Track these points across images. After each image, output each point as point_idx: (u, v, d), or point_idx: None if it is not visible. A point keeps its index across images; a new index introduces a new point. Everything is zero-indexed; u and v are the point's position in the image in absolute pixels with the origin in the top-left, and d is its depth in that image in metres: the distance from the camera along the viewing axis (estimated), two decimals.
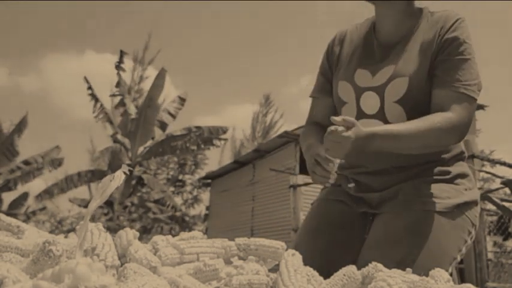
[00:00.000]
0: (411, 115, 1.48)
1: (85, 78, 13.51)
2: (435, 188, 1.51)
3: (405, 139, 1.41)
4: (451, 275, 1.45)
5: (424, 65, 1.48)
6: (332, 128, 1.33)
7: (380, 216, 1.54)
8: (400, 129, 1.41)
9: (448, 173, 1.54)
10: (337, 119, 1.34)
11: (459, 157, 1.59)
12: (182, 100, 14.26)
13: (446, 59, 1.47)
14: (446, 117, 1.42)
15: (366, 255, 1.43)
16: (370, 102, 1.53)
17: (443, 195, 1.50)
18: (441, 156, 1.55)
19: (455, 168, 1.56)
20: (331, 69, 1.68)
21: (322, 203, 1.70)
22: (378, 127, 1.42)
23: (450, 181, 1.54)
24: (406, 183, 1.52)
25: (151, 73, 16.10)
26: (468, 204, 1.52)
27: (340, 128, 1.32)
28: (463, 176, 1.56)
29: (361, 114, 1.55)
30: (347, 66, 1.61)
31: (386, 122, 1.51)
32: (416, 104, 1.48)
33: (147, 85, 15.74)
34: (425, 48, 1.49)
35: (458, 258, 1.51)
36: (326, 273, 0.97)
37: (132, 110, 13.25)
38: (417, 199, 1.49)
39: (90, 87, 13.47)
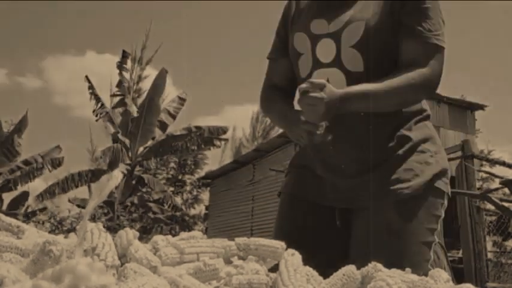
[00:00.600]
0: (368, 60, 1.46)
1: (86, 77, 13.50)
2: (402, 170, 1.47)
3: (382, 98, 1.40)
4: (439, 260, 1.46)
5: (383, 9, 1.46)
6: (303, 86, 1.33)
7: (356, 215, 1.51)
8: (376, 88, 1.39)
9: (410, 140, 1.49)
10: (304, 85, 1.33)
11: (420, 118, 1.55)
12: (182, 100, 14.25)
13: (413, 8, 1.45)
14: (421, 72, 1.42)
15: (354, 257, 1.43)
16: (326, 49, 1.50)
17: (410, 175, 1.47)
18: (401, 122, 1.51)
19: (417, 133, 1.52)
20: (286, 26, 1.65)
21: (287, 200, 1.65)
22: (353, 87, 1.40)
23: (414, 149, 1.49)
24: (374, 171, 1.48)
25: (151, 73, 16.09)
26: (437, 176, 1.50)
27: (311, 88, 1.32)
28: (425, 140, 1.53)
29: (317, 64, 1.52)
30: (304, 17, 1.59)
31: (343, 69, 1.48)
32: (374, 49, 1.46)
33: (145, 85, 15.73)
34: None
35: (437, 239, 1.51)
36: None
37: (133, 109, 13.24)
38: (386, 189, 1.46)
39: (91, 87, 13.45)
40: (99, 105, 13.54)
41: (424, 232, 1.47)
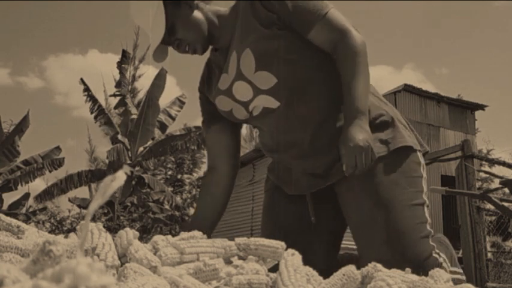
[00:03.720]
0: (277, 72, 1.51)
1: (81, 80, 13.48)
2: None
3: (360, 90, 1.47)
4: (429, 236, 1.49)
5: (256, 28, 1.51)
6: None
7: (338, 192, 1.58)
8: (351, 91, 1.46)
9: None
10: None
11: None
12: (182, 103, 14.27)
13: (289, 14, 1.50)
14: (344, 49, 1.49)
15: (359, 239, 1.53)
16: (241, 90, 1.58)
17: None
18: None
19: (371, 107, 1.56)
20: (207, 104, 1.74)
21: (271, 199, 1.77)
22: (348, 114, 1.46)
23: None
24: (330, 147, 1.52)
25: (149, 72, 16.05)
26: (396, 139, 1.53)
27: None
28: (377, 109, 1.57)
29: (244, 105, 1.60)
30: (213, 88, 1.67)
31: (266, 92, 1.54)
32: (273, 59, 1.51)
33: (140, 84, 15.72)
34: (250, 18, 1.53)
35: (427, 201, 1.55)
36: None
37: (133, 110, 13.22)
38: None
39: (87, 89, 13.43)
40: (97, 106, 13.52)
41: (409, 195, 1.51)
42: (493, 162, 5.50)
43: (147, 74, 14.80)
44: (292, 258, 0.91)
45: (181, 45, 1.58)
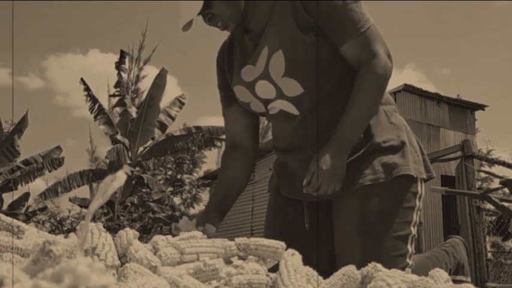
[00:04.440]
0: (305, 82, 1.49)
1: (82, 79, 13.47)
2: (362, 166, 1.51)
3: (358, 118, 1.46)
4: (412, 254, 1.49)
5: (293, 31, 1.46)
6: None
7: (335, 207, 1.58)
8: (349, 116, 1.45)
9: (371, 133, 1.53)
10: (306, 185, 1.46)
11: (382, 112, 1.57)
12: (182, 103, 14.26)
13: (327, 16, 1.45)
14: (366, 71, 1.45)
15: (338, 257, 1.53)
16: (264, 89, 1.55)
17: (370, 169, 1.50)
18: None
19: (379, 127, 1.54)
20: (226, 80, 1.69)
21: (273, 199, 1.78)
22: (334, 138, 1.46)
23: (375, 142, 1.52)
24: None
25: (151, 73, 16.04)
26: (402, 176, 1.51)
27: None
28: (387, 131, 1.55)
29: (265, 102, 1.58)
30: (235, 72, 1.63)
31: (289, 99, 1.53)
32: (304, 69, 1.48)
33: (144, 85, 15.71)
34: (288, 16, 1.48)
35: (413, 231, 1.53)
36: None
37: (133, 110, 13.22)
38: (350, 179, 1.50)
39: (87, 89, 13.42)
40: (97, 106, 13.52)
41: (394, 226, 1.49)
42: (493, 162, 5.51)
43: (150, 75, 14.78)
44: (292, 258, 0.91)
45: (214, 19, 1.51)
